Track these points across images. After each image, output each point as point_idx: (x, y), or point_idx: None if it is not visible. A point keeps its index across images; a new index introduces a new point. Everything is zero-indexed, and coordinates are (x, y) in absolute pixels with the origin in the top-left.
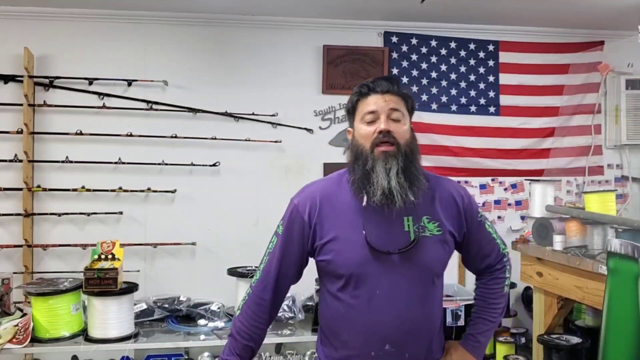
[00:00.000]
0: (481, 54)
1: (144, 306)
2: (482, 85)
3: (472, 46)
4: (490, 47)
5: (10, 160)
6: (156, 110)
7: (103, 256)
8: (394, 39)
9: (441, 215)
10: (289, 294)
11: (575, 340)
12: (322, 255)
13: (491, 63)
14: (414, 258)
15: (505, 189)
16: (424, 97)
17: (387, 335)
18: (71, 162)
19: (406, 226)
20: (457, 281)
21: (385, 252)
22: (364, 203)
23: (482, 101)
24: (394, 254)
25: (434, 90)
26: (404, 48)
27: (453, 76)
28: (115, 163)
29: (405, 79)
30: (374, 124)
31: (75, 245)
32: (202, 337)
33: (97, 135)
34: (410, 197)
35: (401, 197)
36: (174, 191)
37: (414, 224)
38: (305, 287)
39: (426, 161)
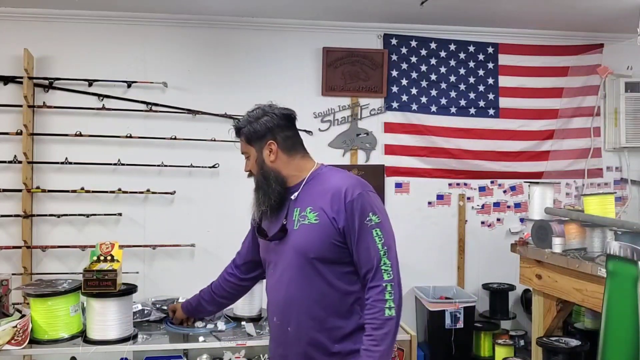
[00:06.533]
0: (480, 57)
1: (143, 307)
2: (481, 88)
3: (471, 48)
4: (490, 50)
5: (10, 162)
6: (155, 111)
7: (102, 257)
8: (394, 41)
9: (323, 206)
10: None
11: (574, 342)
12: None
13: (490, 65)
14: (290, 243)
15: (505, 192)
16: (424, 100)
17: (275, 310)
18: (70, 163)
19: (294, 216)
20: (456, 284)
21: (266, 238)
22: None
23: (482, 103)
24: (275, 241)
25: (434, 92)
26: (404, 50)
27: (452, 78)
28: (115, 164)
29: (404, 81)
30: None
31: (74, 247)
32: (201, 338)
33: (97, 137)
34: (265, 206)
35: (261, 205)
36: (173, 193)
37: (299, 214)
38: None
39: (426, 163)
